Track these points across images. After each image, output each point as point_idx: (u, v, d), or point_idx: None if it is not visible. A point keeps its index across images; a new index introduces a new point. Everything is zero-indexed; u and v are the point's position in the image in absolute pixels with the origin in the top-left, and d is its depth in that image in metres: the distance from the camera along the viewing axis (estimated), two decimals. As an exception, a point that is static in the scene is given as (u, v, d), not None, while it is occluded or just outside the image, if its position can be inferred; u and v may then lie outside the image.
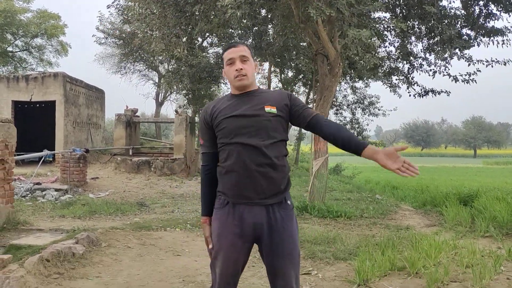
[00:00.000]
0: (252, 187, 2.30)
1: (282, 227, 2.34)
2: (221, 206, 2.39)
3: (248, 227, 2.33)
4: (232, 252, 2.35)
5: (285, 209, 2.38)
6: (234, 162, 2.31)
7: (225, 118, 2.36)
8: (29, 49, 30.18)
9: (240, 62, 2.38)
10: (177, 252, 5.41)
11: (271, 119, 2.34)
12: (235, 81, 2.39)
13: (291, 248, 2.37)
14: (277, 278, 2.38)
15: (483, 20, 9.64)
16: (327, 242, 5.82)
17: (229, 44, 2.46)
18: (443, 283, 4.09)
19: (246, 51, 2.42)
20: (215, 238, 2.41)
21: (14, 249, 4.79)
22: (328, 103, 9.24)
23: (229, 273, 2.39)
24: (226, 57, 2.43)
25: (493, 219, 7.08)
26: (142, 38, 13.44)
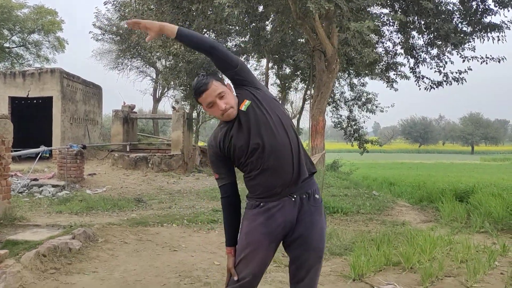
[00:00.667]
0: (280, 181, 2.30)
1: (311, 221, 2.36)
2: (252, 206, 2.40)
3: (278, 226, 2.34)
4: (259, 251, 2.35)
5: (315, 204, 2.39)
6: (255, 171, 2.33)
7: (231, 143, 2.36)
8: (26, 45, 30.08)
9: (220, 100, 2.32)
10: (173, 247, 5.43)
11: (255, 110, 2.32)
12: (224, 118, 2.35)
13: (319, 242, 2.39)
14: (301, 270, 2.40)
15: (480, 16, 9.65)
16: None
17: (197, 87, 2.33)
18: (437, 278, 4.13)
19: (219, 86, 2.33)
20: (242, 236, 2.40)
21: (10, 244, 4.79)
22: (325, 99, 9.27)
23: (255, 272, 2.37)
24: (204, 102, 2.35)
25: (488, 215, 7.13)
26: (140, 34, 13.41)
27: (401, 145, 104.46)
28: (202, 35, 2.41)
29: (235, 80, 2.38)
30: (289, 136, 2.35)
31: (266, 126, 2.30)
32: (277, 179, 2.30)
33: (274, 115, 2.35)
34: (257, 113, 2.32)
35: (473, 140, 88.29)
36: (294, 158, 2.33)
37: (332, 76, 9.07)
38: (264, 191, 2.34)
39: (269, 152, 2.29)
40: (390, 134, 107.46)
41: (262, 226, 2.34)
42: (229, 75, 2.37)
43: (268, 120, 2.31)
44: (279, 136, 2.31)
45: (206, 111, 2.48)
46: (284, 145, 2.31)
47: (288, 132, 2.35)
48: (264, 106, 2.35)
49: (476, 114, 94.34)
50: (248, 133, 2.31)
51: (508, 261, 4.75)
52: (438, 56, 10.64)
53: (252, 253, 2.35)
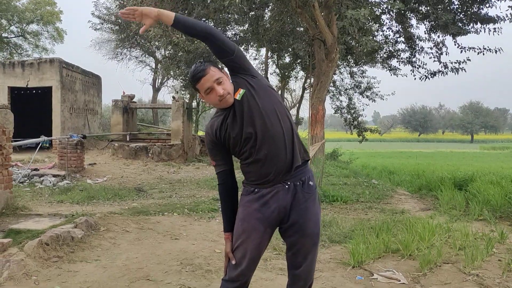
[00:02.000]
0: (274, 168, 2.33)
1: (306, 208, 2.40)
2: (247, 192, 2.44)
3: (272, 212, 2.38)
4: (255, 236, 2.40)
5: (309, 191, 2.42)
6: (251, 158, 2.36)
7: (227, 132, 2.38)
8: (24, 35, 29.95)
9: (218, 86, 2.32)
10: (175, 236, 5.48)
11: (249, 99, 2.33)
12: (221, 104, 2.36)
13: (314, 228, 2.42)
14: (298, 256, 2.45)
15: (477, 7, 9.60)
16: (323, 225, 5.89)
17: (195, 73, 2.34)
18: (436, 265, 4.18)
19: (216, 72, 2.34)
20: (238, 222, 2.44)
21: (13, 233, 4.84)
22: (325, 88, 9.27)
23: (252, 256, 2.42)
24: (202, 88, 2.35)
25: (487, 202, 7.17)
26: (138, 23, 13.35)
27: (400, 134, 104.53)
28: (198, 21, 2.41)
29: (231, 67, 2.39)
30: (283, 124, 2.36)
31: (259, 114, 2.32)
32: (271, 167, 2.33)
33: (268, 104, 2.36)
34: (250, 102, 2.33)
35: (473, 129, 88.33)
36: (287, 147, 2.35)
37: (332, 65, 9.05)
38: (258, 178, 2.37)
39: (262, 141, 2.31)
40: (390, 123, 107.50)
41: (257, 212, 2.38)
42: (226, 62, 2.37)
43: (261, 109, 2.33)
44: (271, 125, 2.32)
45: (203, 99, 2.48)
46: (277, 133, 2.33)
47: (281, 121, 2.37)
48: (259, 94, 2.35)
49: (476, 102, 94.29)
50: (241, 122, 2.33)
51: (506, 248, 4.80)
52: (437, 44, 10.59)
53: (248, 239, 2.39)
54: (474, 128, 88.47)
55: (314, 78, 9.91)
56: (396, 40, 11.48)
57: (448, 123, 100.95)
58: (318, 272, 4.15)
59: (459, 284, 3.77)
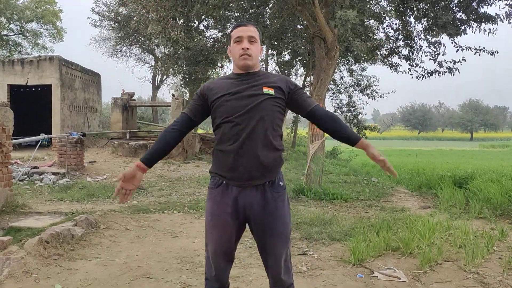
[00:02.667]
0: (246, 168, 2.32)
1: (275, 207, 2.39)
2: (215, 186, 2.43)
3: (240, 208, 2.38)
4: (225, 230, 2.40)
5: (277, 190, 2.41)
6: (228, 143, 2.34)
7: (223, 97, 2.37)
8: (24, 33, 29.90)
9: (248, 42, 2.39)
10: (175, 233, 5.48)
11: (268, 100, 2.35)
12: (239, 60, 2.40)
13: (283, 228, 2.41)
14: (269, 256, 2.44)
15: (477, 5, 9.56)
16: (323, 223, 5.90)
17: (239, 22, 2.45)
18: (436, 263, 4.18)
19: (255, 33, 2.43)
20: (208, 216, 2.46)
21: (13, 231, 4.83)
22: (325, 86, 9.25)
23: (223, 250, 2.44)
24: (234, 35, 2.42)
25: (487, 200, 7.18)
26: (138, 20, 13.32)
27: (400, 132, 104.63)
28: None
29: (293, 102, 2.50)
30: (275, 131, 2.38)
31: (259, 115, 2.32)
32: (243, 162, 2.31)
33: (274, 117, 2.38)
34: (263, 103, 2.34)
35: (472, 127, 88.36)
36: (265, 150, 2.34)
37: (332, 63, 9.03)
38: (229, 170, 2.35)
39: (247, 135, 2.30)
40: (390, 121, 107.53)
41: (226, 206, 2.38)
42: (303, 112, 2.51)
43: (264, 113, 2.33)
44: (262, 127, 2.32)
45: (229, 52, 2.49)
46: (261, 136, 2.32)
47: (273, 129, 2.38)
48: (275, 106, 2.38)
49: (475, 100, 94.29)
50: (243, 105, 2.32)
51: (506, 246, 4.80)
52: (435, 43, 10.57)
53: (218, 233, 2.41)
54: (474, 126, 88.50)
55: (314, 76, 9.89)
56: (397, 37, 11.45)
57: (448, 121, 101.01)
58: (318, 270, 4.16)
59: (460, 282, 3.77)
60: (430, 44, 10.75)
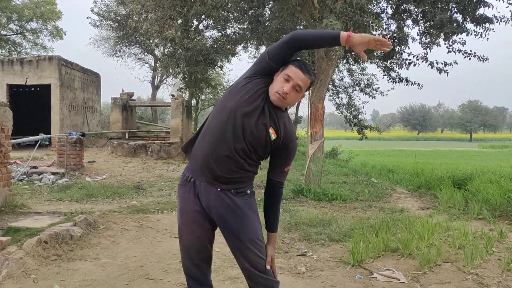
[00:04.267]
0: (211, 169, 2.32)
1: (241, 215, 2.37)
2: (184, 183, 2.46)
3: (206, 208, 2.39)
4: (194, 228, 2.43)
5: (243, 197, 2.41)
6: (208, 138, 2.34)
7: (241, 97, 2.33)
8: (23, 32, 29.88)
9: (291, 88, 2.32)
10: (174, 234, 5.47)
11: (264, 138, 2.33)
12: (273, 94, 2.33)
13: (252, 234, 2.38)
14: (245, 263, 2.41)
15: (474, 6, 9.57)
16: (322, 224, 5.89)
17: (302, 64, 2.34)
18: (435, 264, 4.18)
19: (305, 83, 2.34)
20: (178, 213, 2.49)
21: (12, 231, 4.83)
22: (324, 86, 9.25)
23: (194, 248, 2.46)
24: (287, 72, 2.32)
25: (486, 201, 7.18)
26: (137, 20, 13.32)
27: (399, 132, 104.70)
28: None
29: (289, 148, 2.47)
30: (249, 161, 2.36)
31: (251, 140, 2.30)
32: (213, 164, 2.31)
33: (265, 149, 2.37)
34: (262, 136, 2.32)
35: (472, 128, 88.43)
36: (240, 170, 2.34)
37: (332, 63, 9.03)
38: (200, 164, 2.35)
39: (227, 146, 2.28)
40: (389, 121, 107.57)
41: (195, 205, 2.39)
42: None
43: (257, 145, 2.33)
44: (241, 153, 2.31)
45: (276, 76, 2.38)
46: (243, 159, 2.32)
47: (253, 159, 2.37)
48: (265, 145, 2.36)
49: (475, 101, 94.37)
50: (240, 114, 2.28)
51: (505, 247, 4.80)
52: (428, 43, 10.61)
53: (188, 230, 2.44)
54: (473, 127, 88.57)
55: (314, 76, 9.88)
56: (394, 40, 11.45)
57: (447, 121, 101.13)
58: (317, 270, 4.16)
59: (459, 283, 3.77)
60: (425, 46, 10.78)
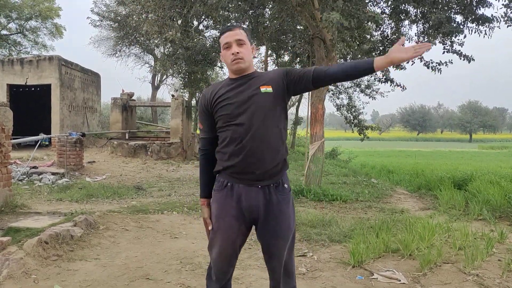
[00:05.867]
0: (250, 168, 2.32)
1: (279, 210, 2.38)
2: (220, 188, 2.43)
3: (245, 209, 2.37)
4: (230, 234, 2.40)
5: (282, 193, 2.41)
6: (233, 145, 2.33)
7: (223, 102, 2.37)
8: (23, 31, 29.87)
9: (237, 46, 2.37)
10: (174, 234, 5.47)
11: (267, 99, 2.35)
12: (231, 65, 2.39)
13: (287, 230, 2.42)
14: (272, 258, 2.45)
15: (475, 6, 9.56)
16: (323, 225, 5.89)
17: (225, 27, 2.43)
18: (435, 265, 4.18)
19: (242, 35, 2.40)
20: (213, 219, 2.45)
21: (12, 231, 4.82)
22: (325, 87, 9.25)
23: (228, 254, 2.44)
24: (222, 41, 2.41)
25: (486, 202, 7.18)
26: (137, 20, 13.32)
27: (399, 133, 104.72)
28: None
29: (295, 81, 2.40)
30: (279, 139, 2.37)
31: (261, 114, 2.32)
32: (248, 164, 2.32)
33: (276, 116, 2.37)
34: (264, 103, 2.33)
35: (472, 128, 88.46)
36: (274, 153, 2.35)
37: (332, 64, 9.04)
38: (234, 170, 2.36)
39: (251, 135, 2.30)
40: (389, 122, 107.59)
41: (232, 209, 2.38)
42: (304, 83, 2.40)
43: (267, 110, 2.33)
44: (266, 127, 2.32)
45: (221, 58, 2.49)
46: (266, 137, 2.32)
47: (280, 136, 2.38)
48: (276, 104, 2.37)
49: (474, 102, 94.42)
50: (243, 109, 2.32)
51: (506, 248, 4.80)
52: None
53: (223, 235, 2.41)
54: (473, 128, 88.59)
55: (314, 76, 9.88)
56: (393, 41, 11.45)
57: (447, 122, 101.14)
58: (318, 271, 4.15)
59: (459, 284, 3.77)
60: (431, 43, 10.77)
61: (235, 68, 2.39)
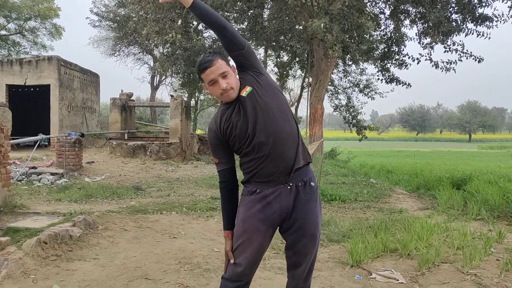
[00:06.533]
0: (277, 171, 2.33)
1: (307, 208, 2.40)
2: (248, 193, 2.42)
3: (274, 213, 2.36)
4: (256, 237, 2.38)
5: (310, 192, 2.42)
6: (254, 154, 2.34)
7: (232, 124, 2.36)
8: (22, 32, 29.87)
9: (223, 79, 2.31)
10: (173, 234, 5.47)
11: (257, 97, 2.33)
12: (223, 98, 2.36)
13: (314, 229, 2.43)
14: (298, 256, 2.45)
15: (474, 5, 9.58)
16: (322, 225, 5.88)
17: (202, 62, 2.33)
18: (434, 264, 4.18)
19: (223, 65, 2.32)
20: (239, 223, 2.43)
21: (11, 231, 4.83)
22: (323, 87, 9.28)
23: (254, 258, 2.43)
24: (206, 79, 2.34)
25: (485, 202, 7.19)
26: (137, 21, 13.33)
27: (398, 133, 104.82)
28: (215, 12, 2.35)
29: (240, 62, 2.36)
30: (288, 124, 2.37)
31: (264, 113, 2.31)
32: (273, 166, 2.32)
33: (274, 103, 2.35)
34: (256, 100, 2.32)
35: (471, 128, 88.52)
36: (291, 147, 2.35)
37: (331, 64, 9.06)
38: (260, 177, 2.36)
39: (265, 140, 2.30)
40: (388, 122, 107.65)
41: (259, 213, 2.36)
42: (235, 56, 2.35)
43: (267, 107, 2.32)
44: (276, 124, 2.32)
45: (207, 89, 2.46)
46: (281, 133, 2.32)
47: (287, 121, 2.37)
48: (266, 93, 2.35)
49: (473, 102, 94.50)
50: (246, 119, 2.32)
51: (504, 247, 4.81)
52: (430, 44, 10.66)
53: (249, 240, 2.38)
54: (472, 128, 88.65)
55: (313, 77, 9.90)
56: (392, 41, 11.47)
57: (446, 122, 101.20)
58: (316, 271, 4.15)
59: (457, 284, 3.78)
60: (427, 46, 10.82)
61: (228, 100, 2.36)
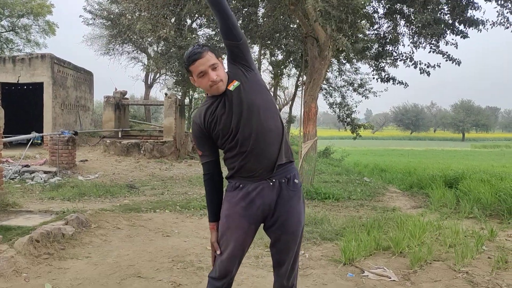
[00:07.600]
0: (260, 167, 2.33)
1: (290, 206, 2.39)
2: (232, 188, 2.42)
3: (258, 209, 2.37)
4: (239, 234, 2.39)
5: (294, 188, 2.42)
6: (238, 149, 2.33)
7: (215, 118, 2.35)
8: (15, 29, 29.67)
9: (212, 71, 2.30)
10: (166, 233, 5.47)
11: (240, 91, 2.32)
12: (212, 90, 2.35)
13: (296, 226, 2.42)
14: (280, 253, 2.46)
15: (463, 8, 9.61)
16: (315, 223, 5.92)
17: (191, 54, 2.32)
18: (426, 262, 4.21)
19: (212, 57, 2.31)
20: (223, 219, 2.44)
21: (3, 230, 4.80)
22: (317, 85, 9.27)
23: (237, 255, 2.43)
24: (195, 71, 2.31)
25: (477, 200, 7.24)
26: (130, 18, 13.26)
27: (392, 132, 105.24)
28: (226, 1, 2.31)
29: (233, 53, 2.35)
30: (273, 122, 2.36)
31: (249, 109, 2.30)
32: (257, 162, 2.31)
33: (260, 99, 2.35)
34: (242, 95, 2.31)
35: (464, 127, 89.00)
36: (276, 144, 2.35)
37: (325, 62, 9.05)
38: (244, 172, 2.36)
39: (248, 135, 2.29)
40: (382, 121, 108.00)
41: (242, 209, 2.36)
42: (230, 45, 2.33)
43: (253, 103, 2.31)
44: (261, 120, 2.31)
45: (194, 83, 2.44)
46: (264, 129, 2.32)
47: (272, 118, 2.36)
48: (253, 89, 2.34)
49: (467, 101, 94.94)
50: (231, 114, 2.31)
51: (496, 245, 4.84)
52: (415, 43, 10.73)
53: (232, 236, 2.40)
54: (466, 127, 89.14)
55: (307, 75, 9.90)
56: (386, 40, 11.49)
57: (440, 121, 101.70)
58: (309, 269, 4.17)
59: (449, 282, 3.80)
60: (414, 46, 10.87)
61: (217, 92, 2.35)
